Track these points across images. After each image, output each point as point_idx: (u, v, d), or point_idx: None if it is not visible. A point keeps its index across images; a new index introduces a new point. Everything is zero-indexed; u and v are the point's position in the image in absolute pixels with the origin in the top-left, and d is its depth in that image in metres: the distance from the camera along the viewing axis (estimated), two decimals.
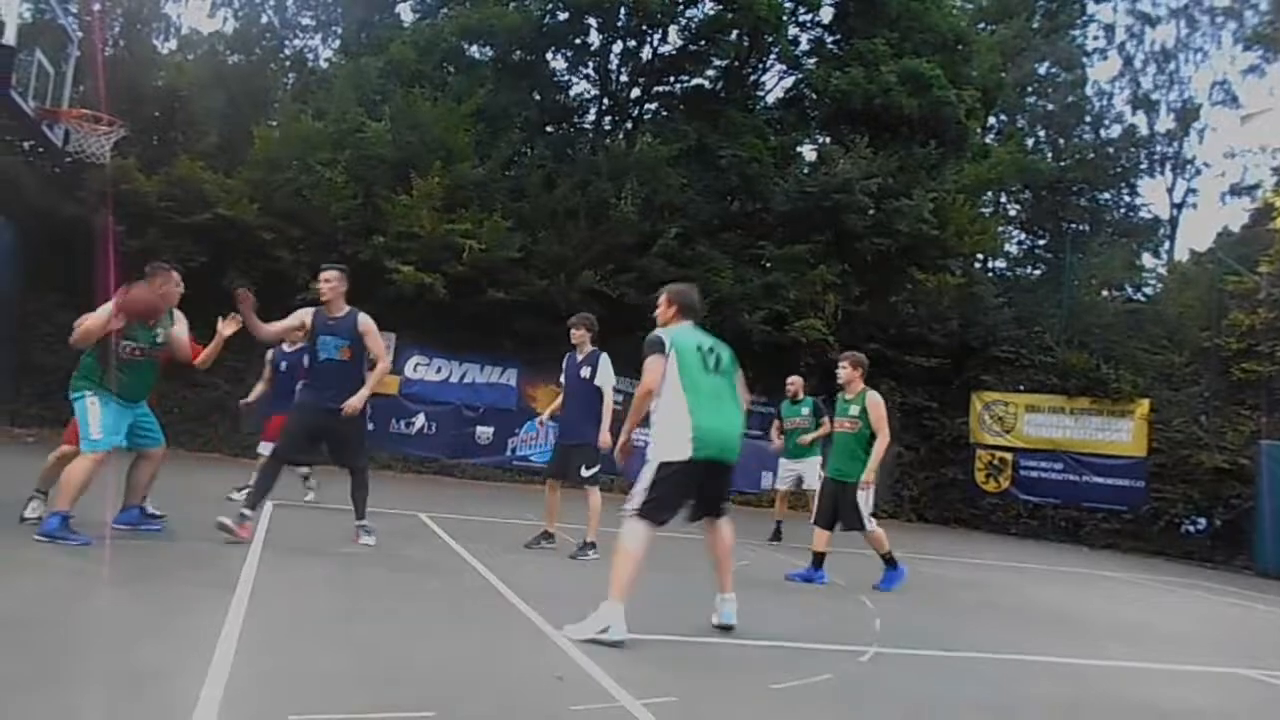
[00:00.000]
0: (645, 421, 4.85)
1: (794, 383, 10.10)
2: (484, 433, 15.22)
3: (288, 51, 19.55)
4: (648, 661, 4.03)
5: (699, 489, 4.63)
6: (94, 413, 5.31)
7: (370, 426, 14.42)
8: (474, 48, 17.61)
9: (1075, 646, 5.76)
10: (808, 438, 9.73)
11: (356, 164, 14.22)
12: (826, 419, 9.28)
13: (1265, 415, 14.91)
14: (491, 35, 17.05)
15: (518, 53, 17.52)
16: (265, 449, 7.56)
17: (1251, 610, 9.48)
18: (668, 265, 15.40)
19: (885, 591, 7.01)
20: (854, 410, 7.05)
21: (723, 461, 4.61)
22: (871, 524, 7.08)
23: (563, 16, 17.61)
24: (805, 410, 9.92)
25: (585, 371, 7.27)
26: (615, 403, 7.62)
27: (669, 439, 4.56)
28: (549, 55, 18.22)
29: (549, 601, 4.95)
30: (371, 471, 12.06)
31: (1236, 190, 26.94)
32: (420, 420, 14.81)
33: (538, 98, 17.80)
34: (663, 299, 5.05)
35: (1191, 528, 15.69)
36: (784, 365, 16.02)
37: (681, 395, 4.58)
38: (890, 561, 7.26)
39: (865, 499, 6.97)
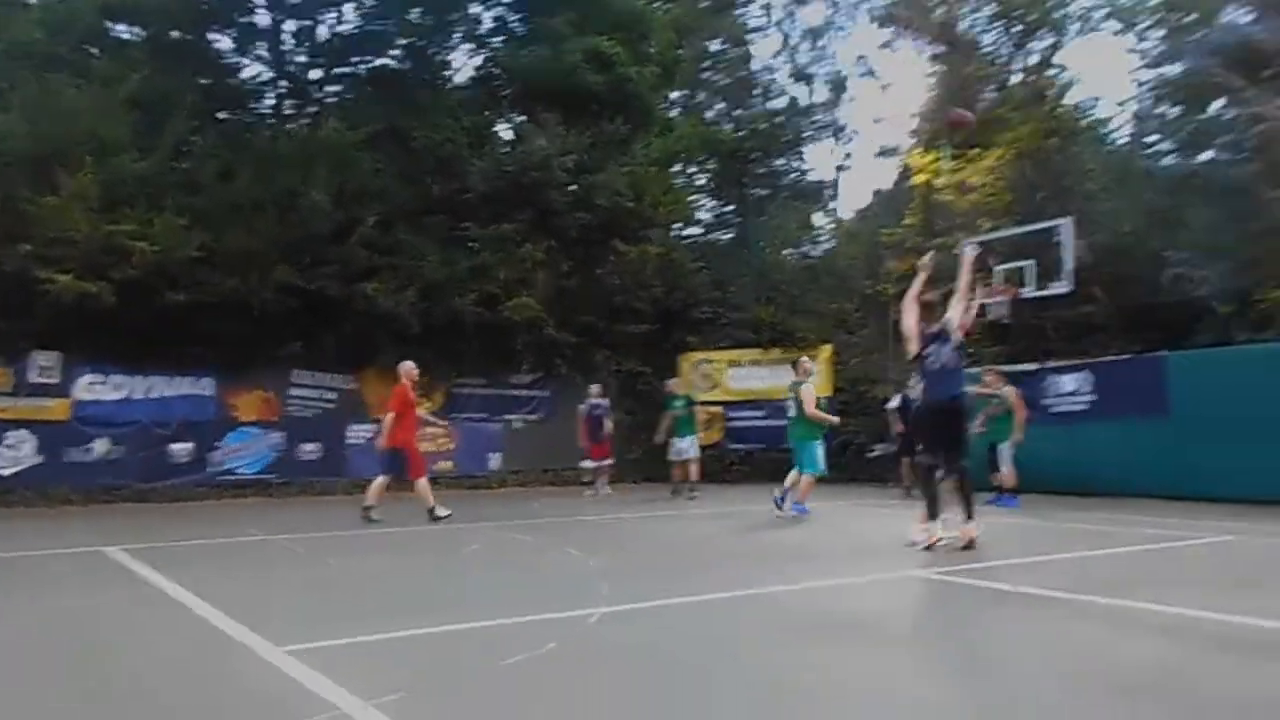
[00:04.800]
0: None
1: (672, 384, 14.85)
2: (181, 450, 13.92)
3: None
4: (373, 662, 3.94)
5: None
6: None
7: (40, 459, 12.81)
8: (121, 26, 15.78)
9: (780, 576, 6.35)
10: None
11: None
12: (696, 406, 14.60)
13: None
14: (140, 13, 15.36)
15: (175, 32, 15.93)
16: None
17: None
18: (370, 254, 14.88)
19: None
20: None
21: None
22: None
23: None
24: (679, 404, 14.03)
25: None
26: None
27: None
28: (212, 35, 16.72)
29: (268, 620, 4.67)
30: (48, 508, 10.80)
31: (883, 152, 30.37)
32: (101, 445, 13.27)
33: (205, 81, 16.31)
34: None
35: (871, 453, 17.67)
36: (501, 345, 16.14)
37: None
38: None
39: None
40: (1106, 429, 12.75)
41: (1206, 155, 15.71)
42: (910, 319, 7.75)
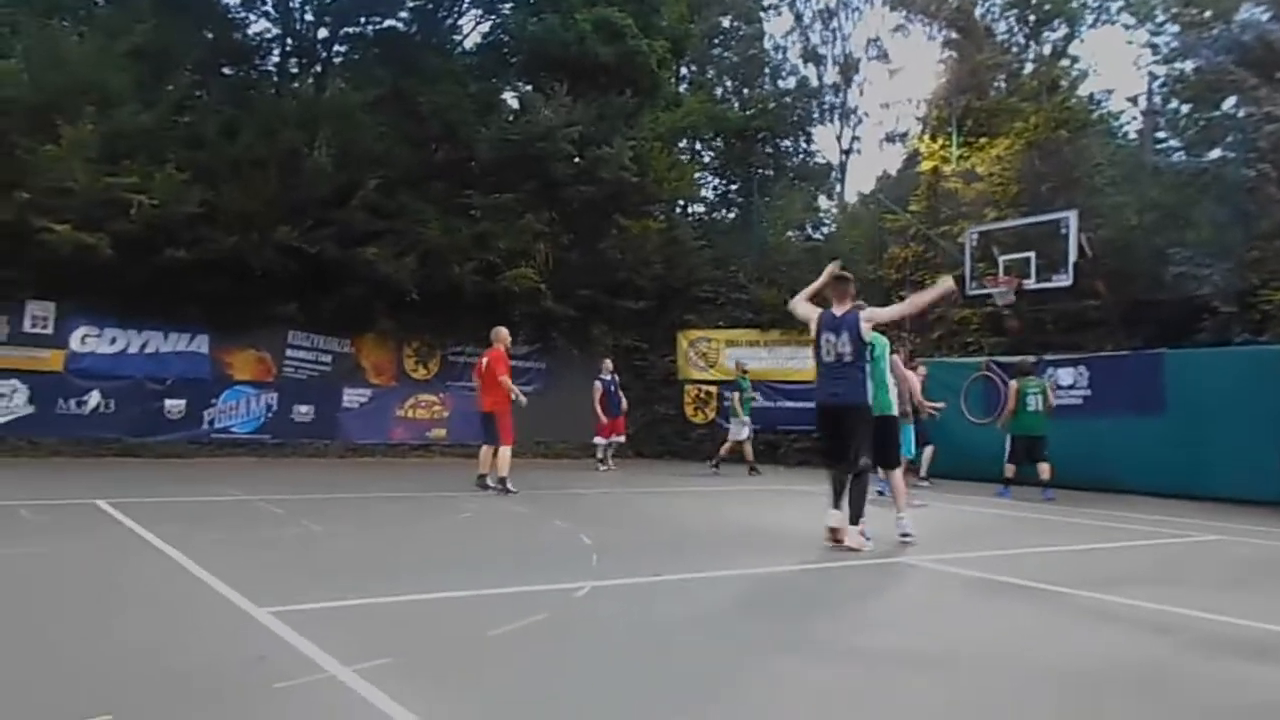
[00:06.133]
0: None
1: (743, 363, 15.79)
2: (174, 406, 13.89)
3: None
4: (359, 627, 3.93)
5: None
6: None
7: (31, 409, 12.76)
8: None
9: (771, 557, 6.35)
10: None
11: None
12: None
13: (919, 336, 17.08)
14: None
15: None
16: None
17: (926, 509, 10.91)
18: (371, 217, 14.75)
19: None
20: None
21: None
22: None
23: None
24: (748, 383, 14.97)
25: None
26: None
27: None
28: None
29: (251, 580, 4.65)
30: (39, 459, 10.81)
31: (891, 138, 30.20)
32: (94, 398, 13.23)
33: (210, 36, 16.11)
34: None
35: None
36: (497, 315, 16.04)
37: None
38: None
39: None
40: (1101, 424, 12.73)
41: (1215, 153, 15.61)
42: (802, 307, 6.98)
